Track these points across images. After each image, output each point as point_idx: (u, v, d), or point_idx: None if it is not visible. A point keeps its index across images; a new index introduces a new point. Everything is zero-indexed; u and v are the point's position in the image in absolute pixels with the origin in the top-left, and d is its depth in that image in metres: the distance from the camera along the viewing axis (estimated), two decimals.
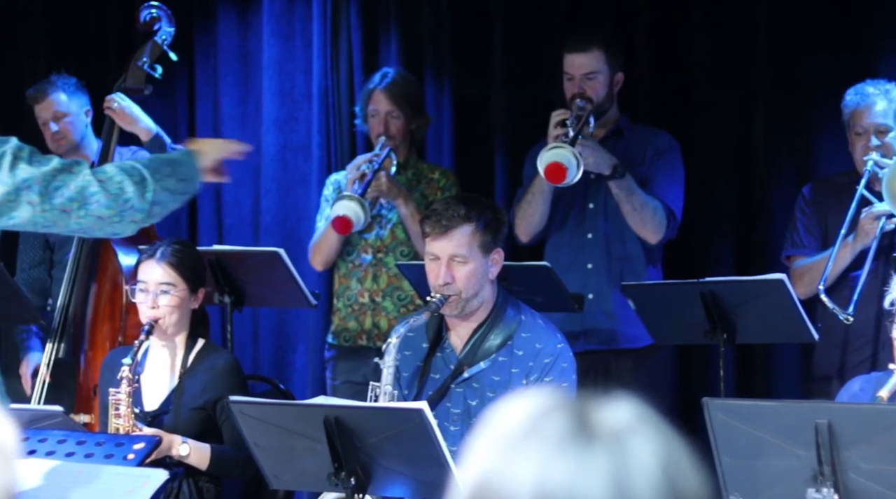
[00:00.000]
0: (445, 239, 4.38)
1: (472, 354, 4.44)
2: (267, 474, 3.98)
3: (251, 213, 6.69)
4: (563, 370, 4.39)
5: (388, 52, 6.39)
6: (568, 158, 4.96)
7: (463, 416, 4.41)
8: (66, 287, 5.60)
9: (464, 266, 4.39)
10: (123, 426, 4.49)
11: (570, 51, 5.41)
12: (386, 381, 4.29)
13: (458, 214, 4.39)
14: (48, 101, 5.90)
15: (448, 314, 4.46)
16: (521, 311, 4.49)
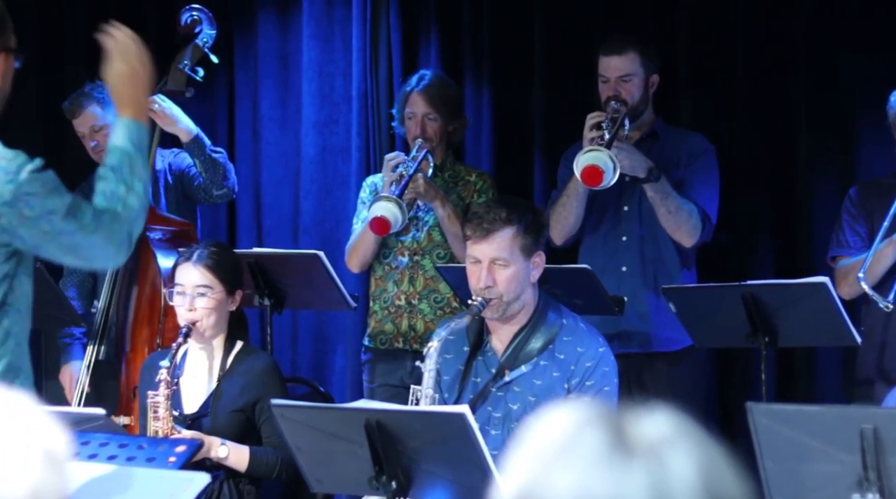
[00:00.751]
0: (486, 242, 4.37)
1: (514, 357, 4.42)
2: (308, 477, 3.97)
3: (290, 214, 6.69)
4: (605, 374, 4.37)
5: (428, 54, 6.39)
6: (604, 160, 4.94)
7: (504, 420, 4.40)
8: (107, 290, 5.62)
9: (505, 269, 4.37)
10: (162, 429, 4.50)
11: (605, 53, 5.39)
12: (427, 384, 4.28)
13: (500, 216, 4.37)
14: (84, 116, 5.90)
15: (489, 318, 4.45)
16: (562, 314, 4.47)
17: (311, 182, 6.61)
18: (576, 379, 4.35)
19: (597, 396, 4.33)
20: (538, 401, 4.36)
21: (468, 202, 5.62)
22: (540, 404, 4.35)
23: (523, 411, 4.37)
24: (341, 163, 6.58)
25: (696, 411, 5.31)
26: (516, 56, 6.28)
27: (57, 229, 3.27)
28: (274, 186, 6.71)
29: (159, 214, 5.78)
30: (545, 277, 4.58)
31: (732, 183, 5.61)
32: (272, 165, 6.72)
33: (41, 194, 3.27)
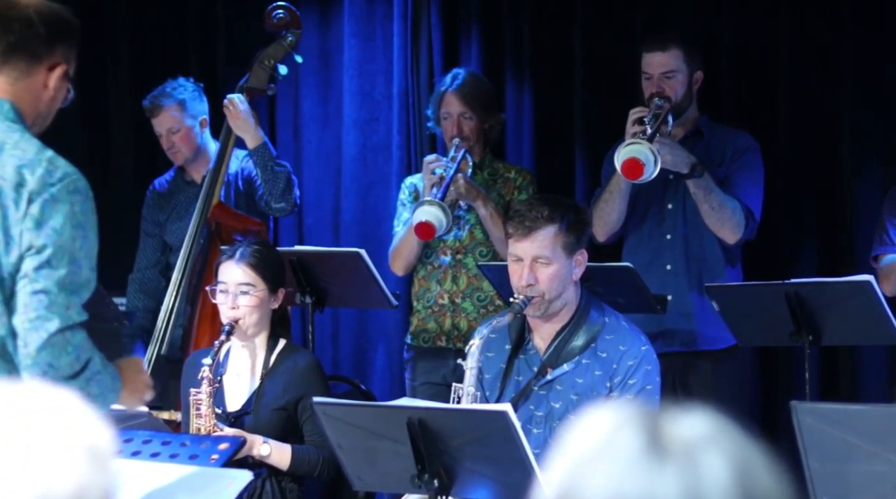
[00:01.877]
0: (528, 240, 4.36)
1: (556, 355, 4.41)
2: (350, 475, 3.97)
3: (331, 212, 6.70)
4: (648, 373, 4.35)
5: (469, 52, 6.38)
6: (645, 154, 4.92)
7: (546, 418, 4.39)
8: (174, 288, 5.65)
9: (547, 267, 4.36)
10: (204, 426, 4.51)
11: (648, 49, 5.38)
12: (469, 382, 4.28)
13: (542, 214, 4.36)
14: (163, 117, 5.93)
15: (531, 316, 4.43)
16: (604, 312, 4.46)
17: (352, 180, 6.62)
18: (618, 377, 4.34)
19: (639, 394, 4.32)
20: (580, 399, 4.35)
21: (508, 199, 5.61)
22: (582, 403, 4.34)
23: (565, 410, 4.36)
24: (382, 161, 6.58)
25: (741, 409, 5.33)
26: (557, 54, 6.27)
27: (47, 253, 3.12)
28: (315, 185, 6.72)
29: (232, 210, 5.81)
30: (587, 275, 4.56)
31: (776, 181, 5.58)
32: (313, 163, 6.73)
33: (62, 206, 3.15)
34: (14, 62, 3.25)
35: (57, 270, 3.11)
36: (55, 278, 3.11)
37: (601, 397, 4.33)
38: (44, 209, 3.12)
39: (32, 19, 3.23)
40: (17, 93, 3.27)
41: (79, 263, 3.14)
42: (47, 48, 3.26)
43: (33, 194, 3.13)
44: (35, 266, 3.10)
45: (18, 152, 3.17)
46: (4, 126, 3.22)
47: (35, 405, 1.37)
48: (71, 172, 3.18)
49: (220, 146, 5.80)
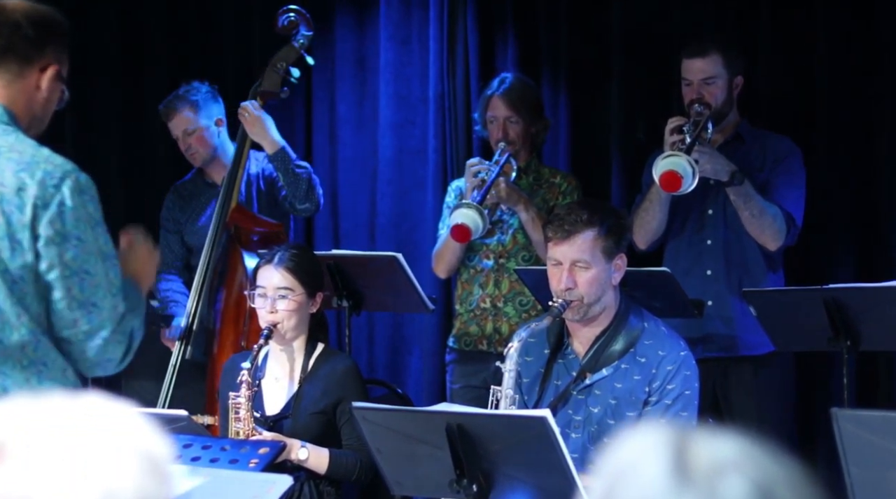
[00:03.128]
0: (567, 244, 4.36)
1: (595, 360, 4.41)
2: (388, 479, 3.98)
3: (367, 216, 6.71)
4: (686, 378, 4.35)
5: (505, 56, 6.38)
6: (683, 166, 4.90)
7: (584, 423, 4.39)
8: (196, 291, 5.66)
9: (586, 271, 4.35)
10: (243, 430, 4.52)
11: (687, 55, 5.36)
12: (507, 385, 4.28)
13: (581, 218, 4.36)
14: (178, 119, 5.95)
15: (570, 320, 4.43)
16: (643, 318, 4.45)
17: (388, 184, 6.63)
18: (657, 382, 4.33)
19: (677, 400, 4.31)
20: (619, 404, 4.35)
21: (552, 204, 5.61)
22: (621, 407, 4.34)
23: (604, 415, 4.36)
24: (418, 164, 6.58)
25: (780, 415, 5.31)
26: (594, 57, 6.26)
27: (79, 264, 3.18)
28: (351, 188, 6.73)
29: (250, 213, 5.82)
30: (624, 280, 4.56)
31: (815, 185, 5.56)
32: (349, 166, 6.74)
33: (77, 212, 3.18)
34: (5, 66, 3.27)
35: (94, 275, 3.17)
36: (96, 285, 3.17)
37: (640, 402, 4.33)
38: (63, 220, 3.15)
39: (20, 22, 3.25)
40: (10, 96, 3.28)
41: (108, 257, 3.21)
42: (37, 50, 3.28)
43: (39, 201, 3.14)
44: (75, 281, 3.16)
45: (15, 155, 3.18)
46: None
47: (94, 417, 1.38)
48: (70, 169, 3.19)
49: (237, 149, 5.82)
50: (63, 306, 3.17)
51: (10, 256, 3.14)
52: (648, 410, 4.31)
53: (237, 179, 5.78)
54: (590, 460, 4.35)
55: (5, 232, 3.14)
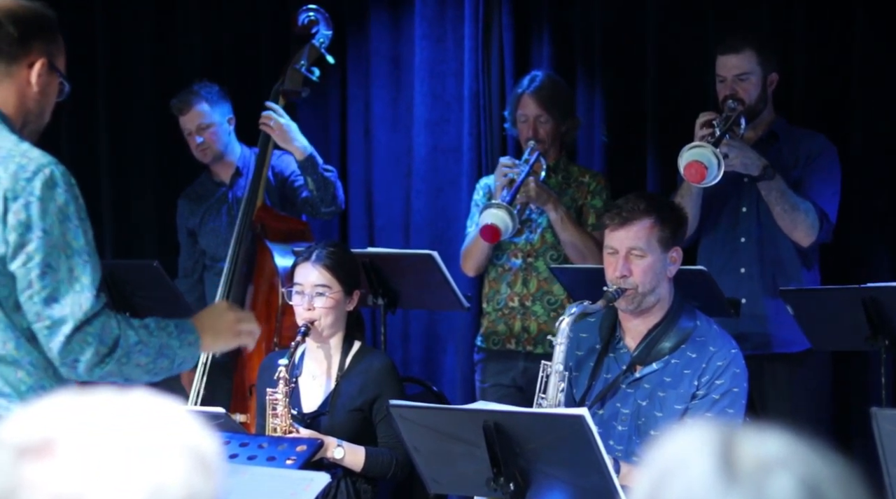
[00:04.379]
0: (624, 230, 4.37)
1: (646, 354, 4.41)
2: (426, 477, 3.98)
3: (402, 214, 6.71)
4: (735, 375, 4.34)
5: (540, 54, 6.37)
6: (708, 157, 4.89)
7: (632, 416, 4.38)
8: (223, 289, 5.67)
9: (641, 260, 4.36)
10: (280, 426, 4.53)
11: (721, 52, 5.34)
12: (557, 359, 4.28)
13: (639, 207, 4.38)
14: (192, 113, 5.98)
15: (623, 309, 4.43)
16: (696, 316, 4.46)
17: (423, 182, 6.63)
18: (706, 377, 4.32)
19: (724, 396, 4.30)
20: (667, 397, 4.34)
21: (581, 204, 5.61)
22: (668, 401, 4.34)
23: (651, 408, 4.35)
24: (452, 162, 6.58)
25: (815, 413, 5.29)
26: (629, 55, 6.24)
27: (41, 256, 3.15)
28: (385, 186, 6.74)
29: (276, 212, 5.83)
30: None
31: (851, 182, 5.53)
32: (384, 164, 6.75)
33: (46, 205, 3.15)
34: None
35: (58, 270, 3.14)
36: (58, 280, 3.14)
37: (688, 395, 4.32)
38: (29, 212, 3.13)
39: (2, 22, 3.25)
40: (1, 95, 3.28)
41: (77, 253, 3.16)
42: (22, 47, 3.27)
43: (9, 193, 3.14)
44: (36, 274, 3.13)
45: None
46: None
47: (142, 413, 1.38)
48: (45, 162, 3.18)
49: (260, 148, 5.83)
50: (25, 298, 3.15)
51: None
52: (695, 403, 4.30)
53: (262, 179, 5.80)
54: (634, 451, 4.34)
55: None
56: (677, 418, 4.30)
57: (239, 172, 6.02)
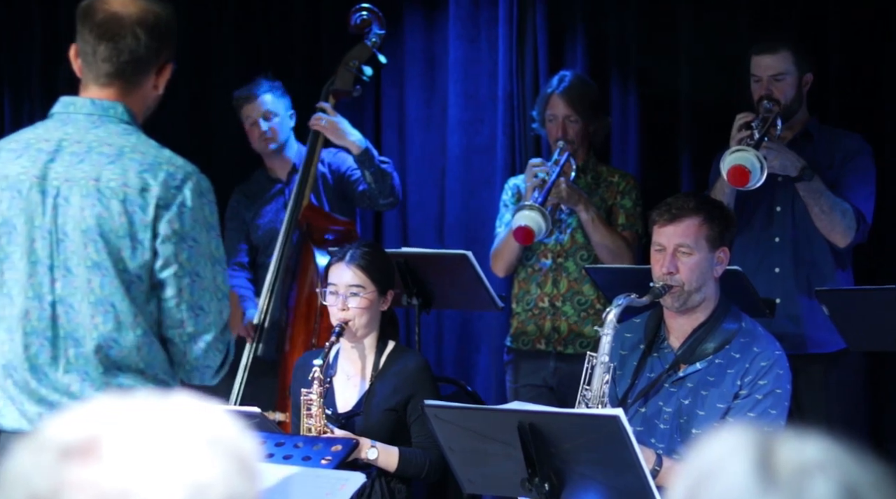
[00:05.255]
0: (673, 226, 4.36)
1: (689, 353, 4.40)
2: (460, 477, 3.99)
3: (435, 214, 6.72)
4: (779, 377, 4.33)
5: (574, 54, 6.36)
6: (751, 161, 4.88)
7: (674, 414, 4.38)
8: (268, 289, 5.69)
9: (689, 257, 4.36)
10: (315, 427, 4.54)
11: (757, 52, 5.32)
12: (603, 351, 4.27)
13: (689, 205, 4.39)
14: (260, 101, 6.00)
15: (668, 306, 4.42)
16: (741, 318, 4.45)
17: (456, 182, 6.63)
18: (749, 377, 4.32)
19: (767, 397, 4.29)
20: (709, 396, 4.34)
21: (611, 204, 5.60)
22: (711, 399, 4.33)
23: (694, 406, 4.35)
24: (486, 162, 6.58)
25: (850, 414, 5.26)
26: (663, 56, 6.23)
27: (192, 265, 3.24)
28: (419, 186, 6.74)
29: (325, 212, 5.85)
30: None
31: (885, 184, 5.51)
32: (417, 164, 6.75)
33: (196, 214, 3.25)
34: (126, 76, 3.32)
35: (203, 278, 3.22)
36: (204, 288, 3.22)
37: (730, 395, 4.32)
38: (182, 221, 3.20)
39: (138, 35, 3.28)
40: (130, 98, 3.34)
41: (218, 261, 3.27)
42: (156, 56, 3.33)
43: (161, 201, 3.19)
44: (186, 282, 3.21)
45: (138, 156, 3.24)
46: (120, 129, 3.29)
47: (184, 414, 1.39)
48: (191, 170, 3.26)
49: (308, 148, 5.85)
50: (172, 305, 3.22)
51: (130, 256, 3.20)
52: (738, 403, 4.30)
53: (309, 178, 5.81)
54: (675, 450, 4.34)
55: (127, 231, 3.19)
56: (719, 416, 4.30)
57: (295, 168, 6.03)
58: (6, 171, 3.29)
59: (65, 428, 1.36)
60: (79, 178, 3.23)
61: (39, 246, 3.24)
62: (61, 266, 3.22)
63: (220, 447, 1.37)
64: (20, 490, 1.34)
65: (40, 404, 3.23)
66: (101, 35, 3.28)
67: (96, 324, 3.20)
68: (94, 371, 3.21)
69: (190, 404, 1.40)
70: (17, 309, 3.25)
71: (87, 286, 3.20)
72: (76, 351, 3.21)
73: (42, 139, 3.31)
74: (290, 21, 6.92)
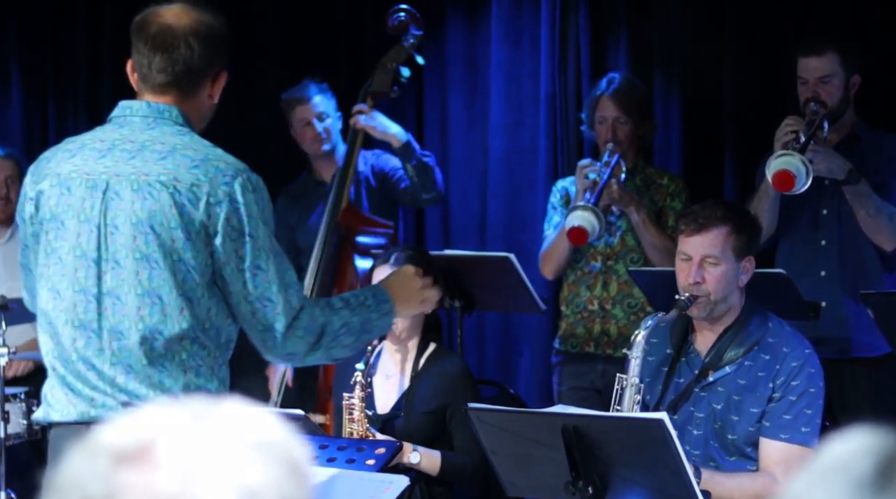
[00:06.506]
0: (699, 236, 4.34)
1: (717, 358, 4.38)
2: (503, 480, 3.98)
3: (478, 216, 6.71)
4: (811, 375, 4.31)
5: (617, 56, 6.35)
6: (797, 165, 4.85)
7: (707, 420, 4.36)
8: (307, 291, 5.70)
9: (715, 268, 4.33)
10: (357, 431, 4.54)
11: (804, 54, 5.28)
12: (633, 373, 4.25)
13: (716, 214, 4.35)
14: (313, 103, 6.01)
15: (695, 316, 4.40)
16: (768, 318, 4.43)
17: (499, 184, 6.63)
18: (781, 378, 4.30)
19: (801, 397, 4.27)
20: (742, 400, 4.32)
21: (661, 206, 5.58)
22: (744, 404, 4.31)
23: (727, 411, 4.33)
24: (528, 165, 6.58)
25: None
26: (707, 57, 6.20)
27: (253, 259, 3.29)
28: (461, 188, 6.74)
29: (364, 215, 5.85)
30: None
31: None
32: (460, 166, 6.75)
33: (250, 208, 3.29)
34: (182, 85, 3.39)
35: (267, 271, 3.28)
36: (269, 280, 3.28)
37: (763, 398, 4.30)
38: (238, 217, 3.26)
39: (192, 45, 3.36)
40: (185, 106, 3.41)
41: (278, 253, 3.32)
42: (209, 66, 3.41)
43: (212, 198, 3.25)
44: (249, 276, 3.27)
45: (190, 153, 3.31)
46: (174, 130, 3.36)
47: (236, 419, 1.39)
48: (241, 168, 3.32)
49: (348, 148, 5.85)
50: (240, 300, 3.29)
51: (182, 247, 3.25)
52: (772, 406, 4.28)
53: (348, 179, 5.82)
54: (712, 456, 4.32)
55: (178, 223, 3.25)
56: (754, 421, 4.29)
57: None
58: (59, 169, 3.36)
59: (119, 433, 1.36)
60: (129, 173, 3.29)
61: (85, 240, 3.29)
62: (110, 259, 3.28)
63: (272, 452, 1.38)
64: (74, 494, 1.34)
65: (91, 394, 3.29)
66: (155, 47, 3.35)
67: (142, 316, 3.25)
68: (137, 364, 3.26)
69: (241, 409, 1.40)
70: (66, 303, 3.31)
71: (134, 278, 3.26)
72: (119, 344, 3.27)
73: (98, 140, 3.38)
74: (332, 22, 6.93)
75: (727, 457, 4.34)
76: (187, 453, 1.34)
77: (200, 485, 1.33)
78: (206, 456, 1.35)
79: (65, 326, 3.31)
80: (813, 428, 4.27)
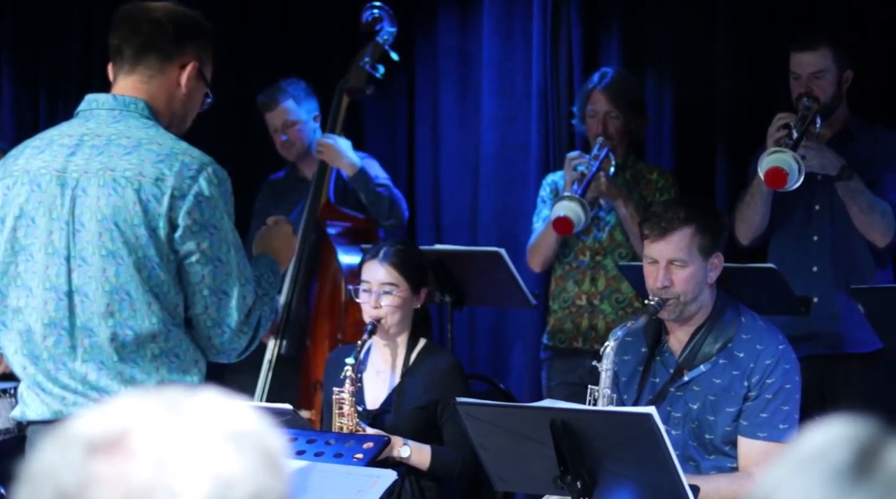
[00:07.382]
0: (664, 242, 4.31)
1: (692, 357, 4.37)
2: (492, 475, 3.97)
3: (469, 211, 6.71)
4: (786, 372, 4.30)
5: (609, 51, 6.34)
6: (789, 162, 4.84)
7: (684, 419, 4.36)
8: (290, 285, 5.70)
9: (683, 270, 4.31)
10: (347, 425, 4.53)
11: (796, 49, 5.27)
12: (604, 384, 4.25)
13: (678, 216, 4.31)
14: (279, 110, 6.01)
15: (666, 318, 4.40)
16: (740, 313, 4.41)
17: (490, 179, 6.62)
18: (756, 377, 4.29)
19: (778, 394, 4.27)
20: (718, 400, 4.32)
21: (649, 201, 5.58)
22: (720, 403, 4.31)
23: (703, 411, 4.33)
24: (520, 159, 6.57)
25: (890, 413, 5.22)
26: (699, 52, 6.20)
27: (213, 252, 3.30)
28: (453, 183, 6.74)
29: (336, 208, 5.85)
30: (728, 277, 4.51)
31: None
32: (451, 161, 6.75)
33: (214, 202, 3.29)
34: (146, 61, 3.37)
35: (226, 264, 3.28)
36: (227, 273, 3.29)
37: (739, 397, 4.29)
38: (201, 210, 3.25)
39: (161, 20, 3.37)
40: (152, 91, 3.39)
41: (238, 248, 3.32)
42: (177, 46, 3.39)
43: (177, 191, 3.24)
44: (208, 268, 3.27)
45: (155, 147, 3.29)
46: (140, 123, 3.35)
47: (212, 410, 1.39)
48: (207, 161, 3.31)
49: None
50: (196, 292, 3.29)
51: (146, 244, 3.25)
52: (749, 405, 4.27)
53: (327, 174, 5.82)
54: (691, 456, 4.32)
55: (142, 220, 3.24)
56: (731, 421, 4.28)
57: None
58: (28, 166, 3.36)
59: (92, 423, 1.35)
60: (96, 169, 3.28)
61: (57, 238, 3.29)
62: (77, 256, 3.27)
63: (247, 442, 1.37)
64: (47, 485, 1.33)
65: (61, 393, 3.30)
66: (125, 22, 3.38)
67: (111, 312, 3.25)
68: (108, 360, 3.27)
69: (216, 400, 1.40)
70: (37, 300, 3.31)
71: (101, 275, 3.26)
72: (91, 340, 3.27)
73: (65, 135, 3.37)
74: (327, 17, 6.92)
75: (707, 456, 4.34)
76: (161, 442, 1.33)
77: (174, 475, 1.32)
78: (181, 446, 1.34)
79: (36, 323, 3.31)
80: (791, 424, 4.26)
